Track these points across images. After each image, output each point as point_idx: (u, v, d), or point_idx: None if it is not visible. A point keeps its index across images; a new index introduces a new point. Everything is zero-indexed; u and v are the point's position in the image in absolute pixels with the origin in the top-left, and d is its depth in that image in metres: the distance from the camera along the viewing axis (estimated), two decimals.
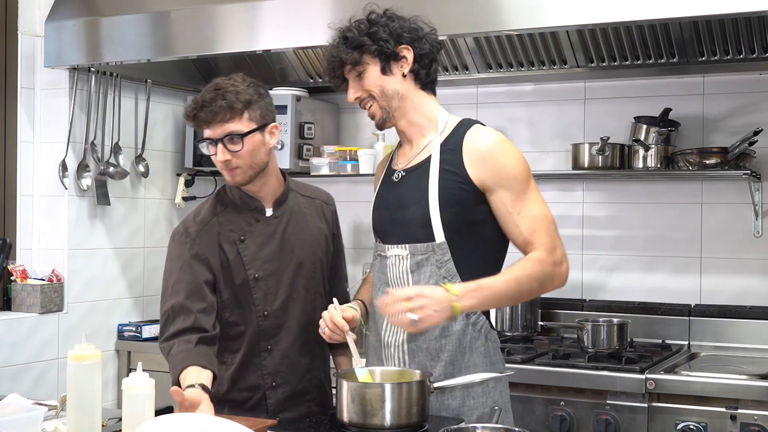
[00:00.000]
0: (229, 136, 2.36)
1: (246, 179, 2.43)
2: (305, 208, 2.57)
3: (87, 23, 3.77)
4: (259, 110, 2.41)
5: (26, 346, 3.69)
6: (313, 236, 2.54)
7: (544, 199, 2.28)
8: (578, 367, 3.13)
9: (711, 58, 3.37)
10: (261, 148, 2.42)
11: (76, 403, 2.01)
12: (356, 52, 2.29)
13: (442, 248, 2.25)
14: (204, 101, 2.36)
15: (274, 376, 2.47)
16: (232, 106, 2.35)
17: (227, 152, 2.37)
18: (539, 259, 2.20)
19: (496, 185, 2.23)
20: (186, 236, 2.47)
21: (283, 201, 2.53)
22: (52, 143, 3.89)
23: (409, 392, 2.06)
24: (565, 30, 3.35)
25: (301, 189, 2.62)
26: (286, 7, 3.40)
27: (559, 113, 3.85)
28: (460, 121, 2.35)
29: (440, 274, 2.25)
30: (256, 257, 2.46)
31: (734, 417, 2.86)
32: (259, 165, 2.43)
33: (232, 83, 2.39)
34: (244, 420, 2.24)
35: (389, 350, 2.33)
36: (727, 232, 3.59)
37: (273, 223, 2.50)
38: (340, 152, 4.01)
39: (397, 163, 2.41)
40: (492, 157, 2.24)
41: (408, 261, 2.29)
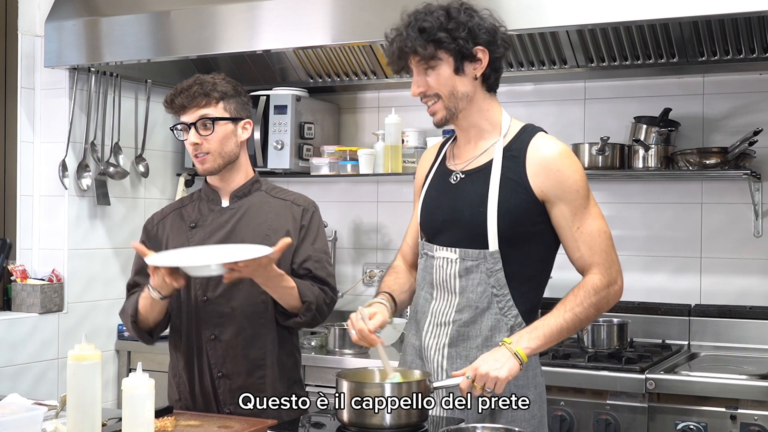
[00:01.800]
0: (201, 120, 2.50)
1: (215, 167, 2.54)
2: (268, 206, 2.59)
3: (87, 23, 3.77)
4: (235, 104, 2.56)
5: (26, 346, 3.69)
6: (269, 230, 2.54)
7: (602, 213, 2.26)
8: (578, 367, 3.13)
9: (711, 58, 3.37)
10: (232, 138, 2.54)
11: (76, 403, 2.01)
12: (432, 46, 2.18)
13: (494, 257, 2.22)
14: (183, 88, 2.52)
15: (220, 367, 2.52)
16: (207, 93, 2.51)
17: (198, 135, 2.50)
18: (594, 288, 2.19)
19: (557, 198, 2.20)
20: (148, 223, 2.69)
21: (242, 195, 2.59)
22: (52, 143, 3.89)
23: (409, 392, 2.06)
24: (565, 30, 3.35)
25: (276, 192, 2.64)
26: (286, 7, 3.40)
27: (559, 113, 3.85)
28: (523, 127, 2.30)
29: (489, 283, 2.23)
30: (203, 243, 2.54)
31: (734, 417, 2.86)
32: (228, 155, 2.54)
33: (212, 77, 2.56)
34: (244, 420, 2.25)
35: (430, 352, 2.31)
36: (727, 232, 3.59)
37: (227, 213, 2.57)
38: (340, 152, 4.01)
39: (452, 162, 2.34)
40: (557, 168, 2.20)
41: (457, 265, 2.26)
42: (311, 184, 4.28)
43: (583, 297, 2.19)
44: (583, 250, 2.21)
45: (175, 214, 2.66)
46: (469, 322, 2.25)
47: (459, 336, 2.26)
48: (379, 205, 4.21)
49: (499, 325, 2.23)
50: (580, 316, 2.18)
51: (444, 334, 2.28)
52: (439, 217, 2.31)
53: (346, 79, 4.06)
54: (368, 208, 4.24)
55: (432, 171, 2.39)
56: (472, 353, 2.24)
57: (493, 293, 2.23)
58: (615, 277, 2.22)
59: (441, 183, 2.34)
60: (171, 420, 2.20)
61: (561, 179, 2.20)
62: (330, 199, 4.25)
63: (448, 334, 2.27)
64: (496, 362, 2.10)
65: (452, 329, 2.27)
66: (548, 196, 2.20)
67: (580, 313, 2.18)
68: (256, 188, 2.62)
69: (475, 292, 2.24)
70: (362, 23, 3.33)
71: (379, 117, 4.18)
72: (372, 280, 4.13)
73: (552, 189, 2.20)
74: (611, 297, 2.22)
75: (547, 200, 2.21)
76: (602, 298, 2.20)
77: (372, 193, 4.23)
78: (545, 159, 2.21)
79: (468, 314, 2.25)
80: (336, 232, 4.20)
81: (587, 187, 2.23)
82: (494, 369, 2.08)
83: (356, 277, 4.21)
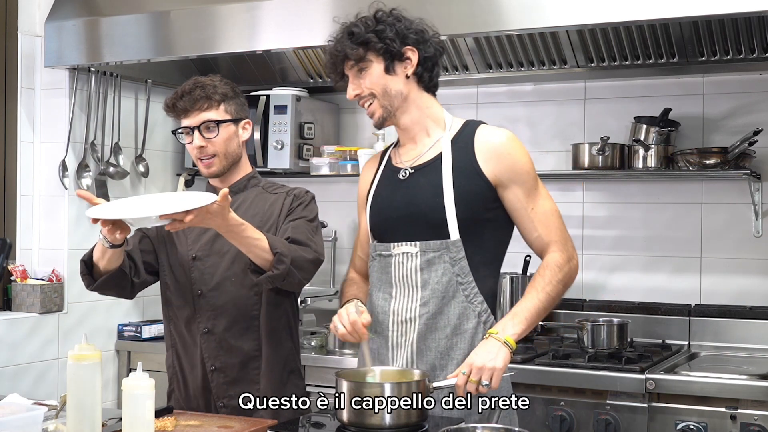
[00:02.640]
0: (205, 123, 2.51)
1: (221, 169, 2.56)
2: (263, 201, 2.60)
3: (87, 23, 3.77)
4: (234, 105, 2.57)
5: (26, 346, 3.69)
6: (261, 221, 2.53)
7: (549, 193, 2.34)
8: (578, 367, 3.13)
9: (711, 58, 3.37)
10: (234, 138, 2.57)
11: (76, 403, 2.01)
12: (361, 48, 2.28)
13: (457, 245, 2.25)
14: (184, 91, 2.53)
15: (213, 359, 2.53)
16: (209, 96, 2.52)
17: (203, 138, 2.51)
18: (557, 263, 2.27)
19: (510, 181, 2.26)
20: None
21: (237, 190, 2.59)
22: (52, 143, 3.89)
23: (409, 392, 2.06)
24: (565, 30, 3.35)
25: (273, 188, 2.65)
26: (286, 7, 3.40)
27: (559, 113, 3.85)
28: (465, 122, 2.37)
29: (454, 272, 2.26)
30: (198, 239, 2.58)
31: (734, 417, 2.86)
32: (233, 156, 2.57)
33: (210, 79, 2.57)
34: (244, 420, 2.25)
35: (398, 351, 2.32)
36: (727, 232, 3.59)
37: None
38: (340, 152, 4.01)
39: (399, 161, 2.39)
40: (507, 153, 2.27)
41: (418, 259, 2.28)
42: (311, 184, 4.27)
43: (551, 276, 2.26)
44: (540, 229, 2.29)
45: None
46: (436, 313, 2.27)
47: (427, 329, 2.28)
48: None
49: (466, 312, 2.27)
50: (551, 294, 2.25)
51: (411, 330, 2.29)
52: (393, 214, 2.33)
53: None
54: None
55: (377, 176, 2.43)
56: (441, 343, 2.27)
57: (458, 281, 2.26)
58: (572, 252, 2.31)
59: (389, 181, 2.38)
60: (171, 420, 2.20)
61: (512, 162, 2.27)
62: (330, 199, 4.25)
63: (416, 329, 2.29)
64: (489, 353, 2.13)
65: (419, 323, 2.28)
66: (501, 180, 2.26)
67: (551, 291, 2.25)
68: (253, 184, 2.64)
69: (440, 282, 2.26)
70: None
71: None
72: None
73: (505, 173, 2.26)
74: (572, 271, 2.30)
75: (500, 184, 2.27)
76: (566, 274, 2.28)
77: None
78: (495, 145, 2.28)
79: (434, 305, 2.27)
80: (336, 232, 4.20)
81: (534, 169, 2.31)
82: (489, 360, 2.12)
83: None
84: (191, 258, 2.58)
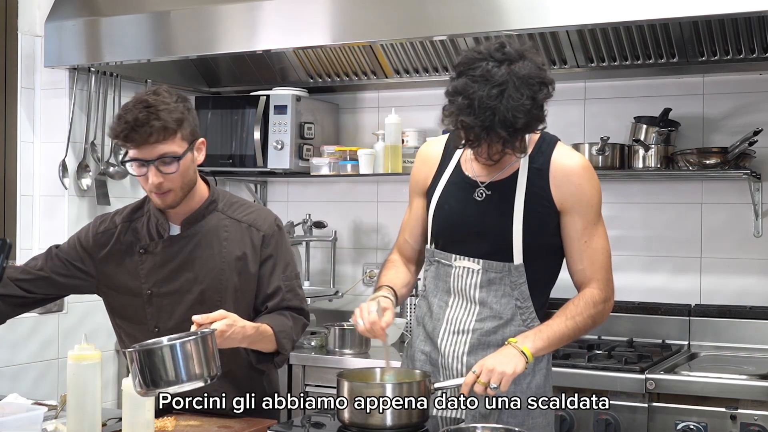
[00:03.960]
0: (161, 158, 2.26)
1: (177, 201, 2.34)
2: (224, 231, 2.40)
3: (87, 23, 3.77)
4: (189, 127, 2.31)
5: (26, 346, 3.69)
6: (225, 261, 2.37)
7: (607, 233, 2.31)
8: (578, 367, 3.13)
9: (711, 58, 3.37)
10: (191, 166, 2.34)
11: (76, 403, 2.01)
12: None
13: (519, 270, 2.24)
14: (137, 121, 2.22)
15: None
16: (166, 127, 2.24)
17: (160, 174, 2.27)
18: (593, 300, 2.24)
19: (573, 209, 2.24)
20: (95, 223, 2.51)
21: (194, 221, 2.40)
22: (52, 143, 3.88)
23: (410, 392, 2.06)
24: (565, 30, 3.35)
25: (233, 211, 2.44)
26: (286, 7, 3.40)
27: (559, 113, 3.82)
28: (541, 136, 2.30)
29: (513, 296, 2.26)
30: (153, 273, 2.38)
31: (734, 417, 2.86)
32: (189, 185, 2.35)
33: (162, 99, 2.26)
34: (244, 420, 2.25)
35: (447, 360, 2.31)
36: (727, 232, 3.59)
37: (179, 243, 2.39)
38: (340, 152, 4.01)
39: (472, 172, 2.30)
40: (579, 182, 2.25)
41: (479, 276, 2.27)
42: (311, 184, 4.28)
43: (584, 307, 2.24)
44: (585, 263, 2.26)
45: (122, 227, 2.46)
46: (491, 331, 2.26)
47: (479, 344, 2.27)
48: (379, 205, 4.21)
49: None
50: (579, 325, 2.23)
51: (463, 342, 2.28)
52: (463, 230, 2.29)
53: (346, 79, 4.06)
54: (368, 208, 4.24)
55: (444, 175, 2.36)
56: None
57: (516, 305, 2.26)
58: (610, 295, 2.29)
59: (462, 194, 2.31)
60: (171, 420, 2.20)
61: (580, 192, 2.25)
62: (330, 199, 4.25)
63: (468, 342, 2.28)
64: (503, 358, 2.11)
65: (472, 337, 2.27)
66: (565, 207, 2.25)
67: (580, 323, 2.23)
68: (212, 209, 2.42)
69: (499, 303, 2.26)
70: (362, 23, 3.33)
71: (379, 117, 4.18)
72: (372, 280, 4.13)
73: (570, 199, 2.24)
74: (605, 312, 2.29)
75: (563, 210, 2.25)
76: (599, 312, 2.26)
77: (372, 193, 4.23)
78: (568, 171, 2.25)
79: (491, 324, 2.26)
80: (336, 232, 4.20)
81: (600, 204, 2.29)
82: (501, 364, 2.09)
83: (356, 277, 4.21)
84: (146, 294, 2.39)
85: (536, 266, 2.26)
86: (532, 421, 2.26)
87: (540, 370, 2.29)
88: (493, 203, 2.26)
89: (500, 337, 2.25)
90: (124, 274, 2.42)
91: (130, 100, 2.30)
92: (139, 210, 2.48)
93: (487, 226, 2.26)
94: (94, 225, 2.52)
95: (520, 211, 2.23)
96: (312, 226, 4.12)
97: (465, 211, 2.29)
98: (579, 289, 2.30)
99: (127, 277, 2.41)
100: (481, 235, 2.27)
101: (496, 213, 2.25)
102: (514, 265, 2.24)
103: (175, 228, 2.41)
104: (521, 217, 2.22)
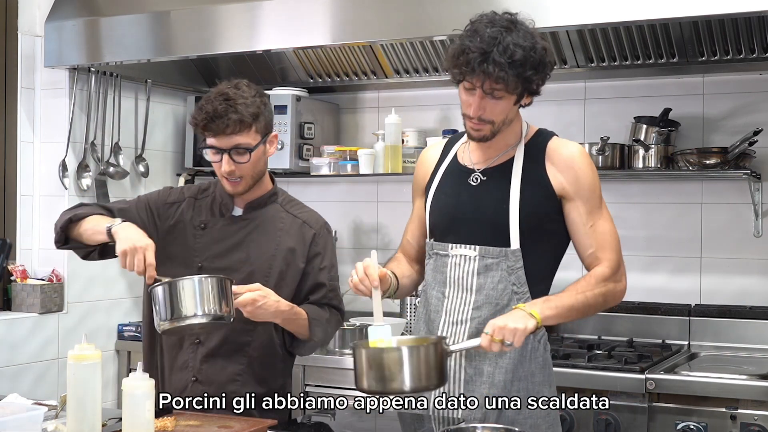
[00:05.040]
0: (236, 148, 2.41)
1: (246, 189, 2.49)
2: (281, 223, 2.55)
3: (87, 23, 3.77)
4: (264, 121, 2.46)
5: (26, 346, 3.69)
6: (277, 249, 2.51)
7: (611, 217, 2.32)
8: (578, 367, 3.13)
9: (711, 58, 3.37)
10: (262, 158, 2.49)
11: (76, 403, 2.01)
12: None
13: (516, 255, 2.25)
14: (216, 112, 2.37)
15: (196, 372, 2.49)
16: (242, 120, 2.39)
17: (233, 163, 2.41)
18: (603, 276, 2.25)
19: (576, 195, 2.26)
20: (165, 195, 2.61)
21: (257, 206, 2.54)
22: (52, 143, 3.89)
23: (427, 355, 2.05)
24: (565, 30, 3.35)
25: (290, 206, 2.60)
26: (286, 7, 3.40)
27: (559, 113, 3.84)
28: (538, 130, 2.35)
29: (510, 281, 2.26)
30: (207, 248, 2.51)
31: (734, 417, 2.86)
32: (259, 175, 2.50)
33: (241, 93, 2.41)
34: (244, 420, 2.25)
35: None
36: (727, 232, 3.59)
37: (238, 223, 2.53)
38: (340, 152, 4.01)
39: (468, 161, 2.35)
40: (578, 167, 2.27)
41: (476, 263, 2.28)
42: (311, 184, 4.28)
43: (594, 284, 2.24)
44: (595, 246, 2.27)
45: (189, 202, 2.59)
46: (488, 319, 2.25)
47: (478, 333, 2.26)
48: (379, 205, 4.21)
49: None
50: (589, 301, 2.23)
51: (462, 332, 2.29)
52: (457, 216, 2.31)
53: (346, 79, 4.07)
54: (368, 208, 4.24)
55: (441, 169, 2.39)
56: None
57: (513, 290, 2.26)
58: (620, 276, 2.29)
59: (456, 182, 2.34)
60: (171, 420, 2.20)
61: (580, 177, 2.26)
62: (330, 199, 4.25)
63: (466, 332, 2.28)
64: (513, 317, 2.12)
65: (471, 326, 2.28)
66: (567, 193, 2.26)
67: (590, 298, 2.23)
68: (272, 201, 2.58)
69: (495, 289, 2.26)
70: (362, 23, 3.33)
71: (379, 117, 4.18)
72: None
73: (571, 186, 2.25)
74: (617, 293, 2.28)
75: (565, 196, 2.26)
76: (609, 290, 2.25)
77: (372, 193, 4.23)
78: (565, 157, 2.27)
79: (487, 311, 2.26)
80: (336, 232, 4.19)
81: (600, 189, 2.30)
82: (512, 321, 2.10)
83: None
84: (197, 267, 2.49)
85: (533, 253, 2.26)
86: (532, 420, 2.26)
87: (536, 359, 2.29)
88: (489, 188, 2.28)
89: None
90: (180, 245, 2.54)
91: (211, 91, 2.46)
92: (206, 191, 2.61)
93: (483, 210, 2.28)
94: (164, 193, 2.63)
95: (516, 194, 2.24)
96: None
97: (460, 197, 2.32)
98: None
99: (182, 248, 2.53)
100: (476, 220, 2.28)
101: (491, 197, 2.27)
102: (511, 250, 2.24)
103: (237, 211, 2.55)
104: (517, 201, 2.24)
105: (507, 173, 2.27)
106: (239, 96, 2.40)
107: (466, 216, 2.30)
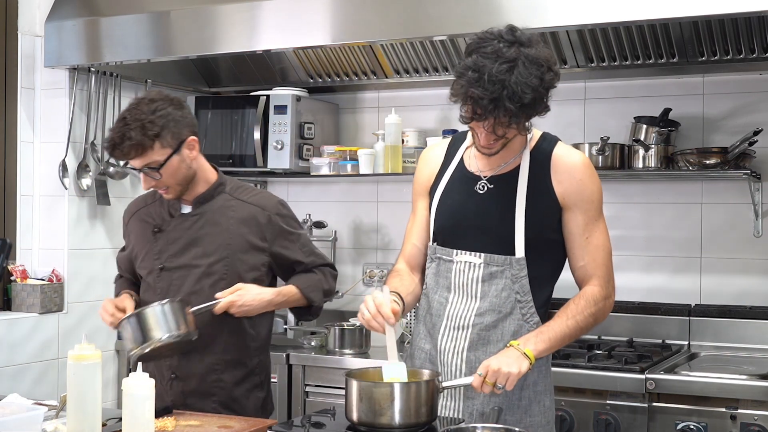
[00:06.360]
0: (146, 167, 2.47)
1: (178, 194, 2.56)
2: (231, 211, 2.59)
3: (87, 23, 3.77)
4: (170, 134, 2.46)
5: (26, 346, 3.69)
6: (232, 237, 2.56)
7: (608, 231, 2.32)
8: (578, 367, 3.13)
9: (711, 58, 3.37)
10: (181, 166, 2.51)
11: (76, 403, 2.01)
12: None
13: (520, 263, 2.25)
14: (113, 141, 2.44)
15: (174, 368, 2.54)
16: (141, 143, 2.42)
17: (150, 179, 2.50)
18: (594, 298, 2.26)
19: (575, 205, 2.26)
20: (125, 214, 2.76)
21: (204, 200, 2.60)
22: (52, 143, 3.89)
23: (418, 392, 2.06)
24: (565, 30, 3.35)
25: (240, 192, 2.63)
26: (286, 7, 3.40)
27: (559, 113, 3.81)
28: (542, 134, 2.34)
29: (514, 289, 2.26)
30: (165, 249, 2.59)
31: (734, 417, 2.86)
32: (186, 180, 2.54)
33: (138, 114, 2.44)
34: (244, 420, 2.25)
35: (447, 356, 2.30)
36: (727, 232, 3.59)
37: (189, 220, 2.60)
38: (340, 152, 4.01)
39: (474, 167, 2.33)
40: (580, 177, 2.26)
41: (480, 270, 2.27)
42: (311, 184, 4.28)
43: (584, 306, 2.25)
44: (587, 260, 2.27)
45: (142, 212, 2.69)
46: (491, 326, 2.27)
47: (479, 339, 2.27)
48: (379, 205, 4.21)
49: (521, 330, 2.26)
50: (580, 324, 2.24)
51: (463, 338, 2.28)
52: (463, 223, 2.30)
53: (346, 79, 4.07)
54: (368, 208, 4.24)
55: (447, 173, 2.37)
56: None
57: (516, 299, 2.26)
58: (611, 292, 2.30)
59: (463, 188, 2.32)
60: (171, 420, 2.20)
61: (582, 188, 2.26)
62: (330, 199, 4.25)
63: (468, 338, 2.28)
64: (507, 359, 2.13)
65: (472, 332, 2.27)
66: (567, 202, 2.26)
67: (581, 322, 2.24)
68: (220, 191, 2.61)
69: (499, 297, 2.26)
70: (362, 23, 3.33)
71: (379, 117, 4.18)
72: (372, 280, 4.13)
73: (572, 195, 2.25)
74: (606, 309, 2.30)
75: (565, 206, 2.26)
76: (599, 310, 2.27)
77: (372, 193, 4.23)
78: (569, 166, 2.27)
79: (490, 318, 2.26)
80: (336, 232, 4.20)
81: (602, 201, 2.30)
82: (506, 365, 2.10)
83: (356, 277, 4.21)
84: (158, 268, 2.58)
85: (537, 261, 2.26)
86: (530, 419, 2.27)
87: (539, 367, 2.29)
88: (495, 196, 2.28)
89: (500, 332, 2.25)
90: (144, 255, 2.63)
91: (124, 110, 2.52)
92: (155, 195, 2.68)
93: (489, 218, 2.27)
94: (123, 221, 2.77)
95: (522, 203, 2.24)
96: (312, 226, 4.12)
97: (467, 204, 2.30)
98: (580, 286, 2.30)
99: (147, 257, 2.62)
100: (482, 228, 2.27)
101: (497, 205, 2.26)
102: (516, 258, 2.24)
103: (186, 208, 2.62)
104: (523, 210, 2.24)
105: (513, 182, 2.27)
106: (135, 119, 2.43)
107: (472, 224, 2.29)
